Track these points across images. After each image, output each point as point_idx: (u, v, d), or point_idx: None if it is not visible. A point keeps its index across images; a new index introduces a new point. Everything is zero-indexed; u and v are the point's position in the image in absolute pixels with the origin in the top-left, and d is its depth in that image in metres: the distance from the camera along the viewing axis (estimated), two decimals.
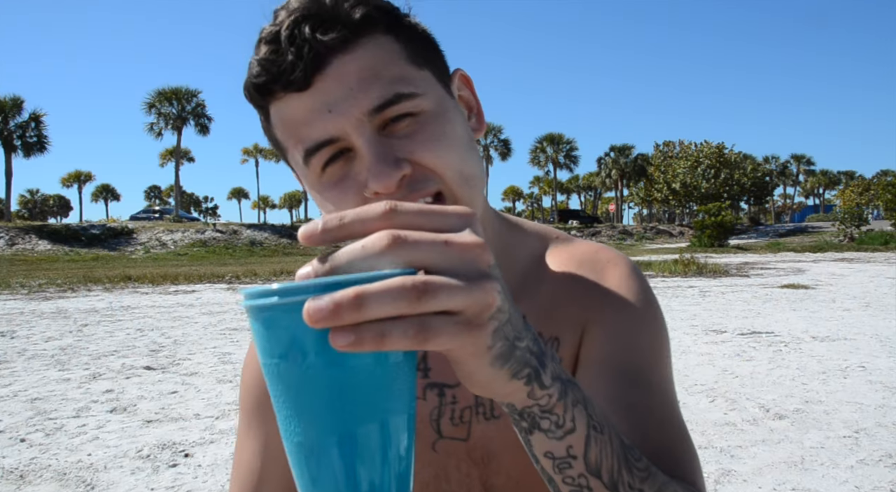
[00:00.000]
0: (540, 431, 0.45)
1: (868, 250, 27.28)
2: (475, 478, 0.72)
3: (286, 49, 0.56)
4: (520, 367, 0.41)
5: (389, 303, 0.33)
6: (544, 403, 0.44)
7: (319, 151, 0.59)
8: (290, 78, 0.57)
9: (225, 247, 35.53)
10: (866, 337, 6.67)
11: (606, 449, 0.48)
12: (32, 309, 10.48)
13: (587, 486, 0.48)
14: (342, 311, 0.32)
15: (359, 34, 0.58)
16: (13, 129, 41.18)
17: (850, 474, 3.07)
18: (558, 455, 0.46)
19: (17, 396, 4.80)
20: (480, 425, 0.70)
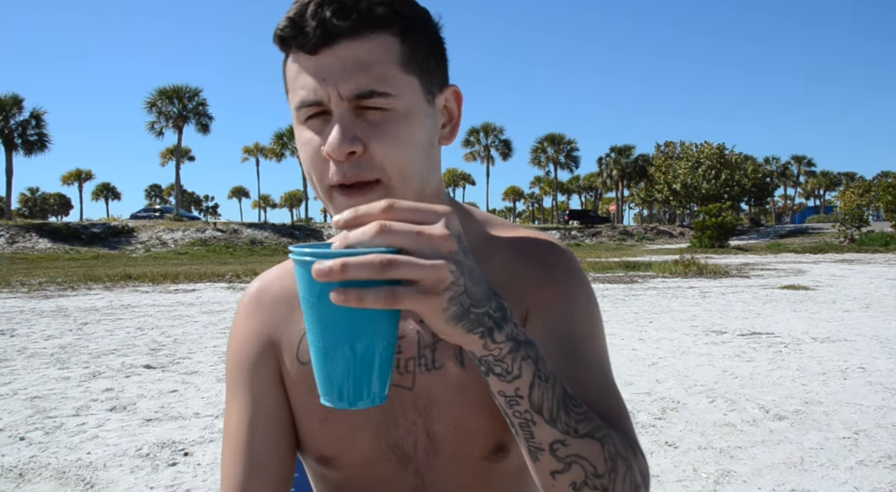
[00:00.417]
0: (493, 375, 0.59)
1: (868, 252, 27.27)
2: (419, 426, 0.80)
3: (308, 19, 0.69)
4: (474, 326, 0.55)
5: (363, 270, 0.48)
6: (496, 354, 0.57)
7: (307, 108, 0.72)
8: (304, 41, 0.70)
9: (225, 246, 35.53)
10: (866, 338, 6.67)
11: (548, 394, 0.61)
12: (32, 307, 10.48)
13: (531, 420, 0.61)
14: (333, 272, 0.48)
15: (370, 28, 0.70)
16: (14, 127, 41.18)
17: (849, 474, 3.07)
18: (508, 394, 0.60)
19: (17, 394, 4.80)
20: (423, 375, 0.79)
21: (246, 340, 0.86)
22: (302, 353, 0.83)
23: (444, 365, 0.79)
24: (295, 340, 0.84)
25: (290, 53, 0.73)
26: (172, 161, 53.96)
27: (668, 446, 3.50)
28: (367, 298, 0.49)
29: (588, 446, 0.63)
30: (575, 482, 0.64)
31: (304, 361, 0.83)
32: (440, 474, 0.82)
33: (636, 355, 5.96)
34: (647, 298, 10.86)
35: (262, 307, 0.87)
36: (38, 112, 42.27)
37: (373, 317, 0.53)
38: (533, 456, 0.64)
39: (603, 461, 0.64)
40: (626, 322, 8.04)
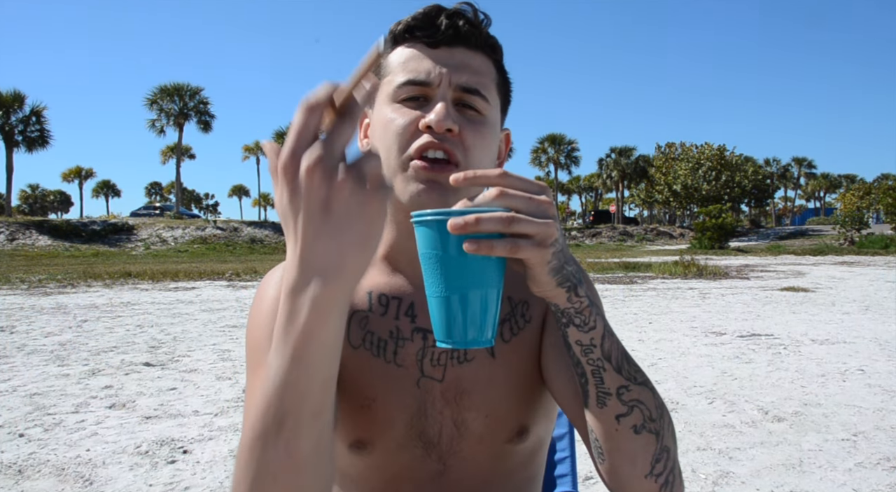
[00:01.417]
0: (574, 326, 0.69)
1: (868, 254, 27.27)
2: (447, 416, 0.86)
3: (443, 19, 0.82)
4: (564, 280, 0.66)
5: (493, 224, 0.59)
6: (577, 306, 0.68)
7: (413, 86, 0.81)
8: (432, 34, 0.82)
9: (225, 244, 35.53)
10: (865, 340, 6.67)
11: (615, 345, 0.71)
12: (32, 304, 10.48)
13: (602, 367, 0.70)
14: (468, 225, 0.58)
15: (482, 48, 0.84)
16: (14, 123, 41.14)
17: (847, 476, 3.07)
18: (584, 343, 0.70)
19: (16, 391, 4.80)
20: (454, 368, 0.86)
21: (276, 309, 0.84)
22: (353, 336, 0.86)
23: (475, 357, 0.86)
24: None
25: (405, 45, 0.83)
26: (173, 159, 53.94)
27: None
28: (496, 248, 0.59)
29: (645, 392, 0.72)
30: (636, 425, 0.72)
31: (356, 345, 0.85)
32: (462, 458, 0.88)
33: (635, 356, 5.96)
34: (646, 298, 10.86)
35: None
36: (39, 108, 42.23)
37: (491, 266, 0.62)
38: (601, 402, 0.72)
39: (655, 407, 0.73)
40: (625, 323, 8.04)
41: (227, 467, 3.24)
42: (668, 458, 0.73)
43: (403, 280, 0.87)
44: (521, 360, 0.88)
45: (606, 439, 0.73)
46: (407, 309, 0.86)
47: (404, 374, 0.85)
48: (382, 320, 0.86)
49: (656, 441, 0.72)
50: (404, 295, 0.87)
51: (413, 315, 0.86)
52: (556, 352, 0.85)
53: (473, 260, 0.61)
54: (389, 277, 0.88)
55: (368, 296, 0.86)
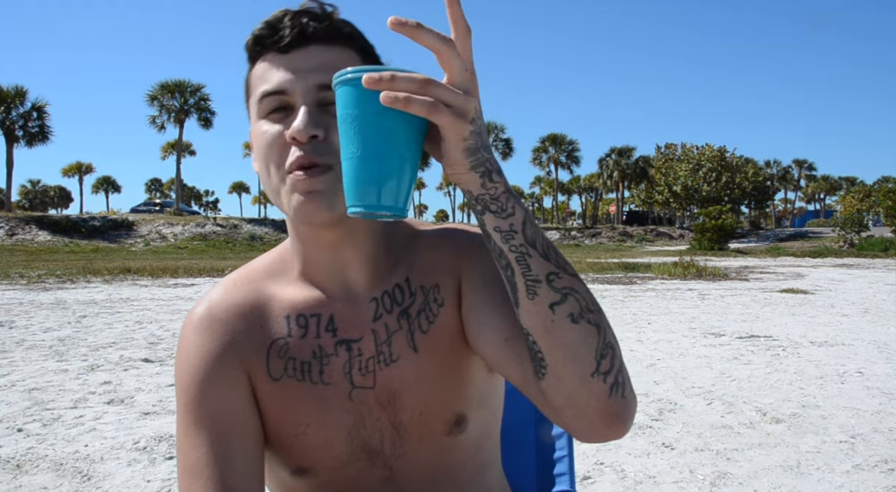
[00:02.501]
0: (490, 212, 0.66)
1: (868, 256, 27.27)
2: (385, 420, 0.85)
3: (286, 23, 0.78)
4: (478, 164, 0.63)
5: (408, 83, 0.57)
6: (493, 193, 0.65)
7: (272, 97, 0.78)
8: (278, 39, 0.78)
9: (225, 241, 35.53)
10: (864, 343, 6.67)
11: (539, 233, 0.68)
12: (31, 299, 10.48)
13: (527, 253, 0.67)
14: (383, 80, 0.57)
15: (338, 40, 0.80)
16: (15, 118, 41.11)
17: (845, 478, 3.07)
18: (503, 229, 0.66)
19: (15, 386, 4.80)
20: (383, 371, 0.84)
21: (206, 362, 0.81)
22: (273, 368, 0.82)
23: (399, 356, 0.84)
24: (262, 356, 0.83)
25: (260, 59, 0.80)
26: (173, 155, 53.91)
27: (664, 448, 3.51)
28: (413, 104, 0.57)
29: (577, 282, 0.69)
30: (573, 314, 0.68)
31: (277, 377, 0.82)
32: (408, 460, 0.86)
33: (634, 356, 5.96)
34: (645, 299, 10.86)
35: (217, 325, 0.84)
36: (40, 104, 42.19)
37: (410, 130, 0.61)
38: (531, 292, 0.68)
39: (591, 299, 0.70)
40: (624, 323, 8.05)
41: None
42: (613, 356, 0.69)
43: (320, 294, 0.85)
44: (445, 347, 0.85)
45: (543, 336, 0.68)
46: (327, 324, 0.84)
47: (334, 391, 0.83)
48: (303, 342, 0.83)
49: (598, 334, 0.68)
50: (323, 309, 0.84)
51: (334, 329, 0.84)
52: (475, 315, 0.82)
53: (391, 120, 0.60)
54: (307, 293, 0.85)
55: (286, 320, 0.84)
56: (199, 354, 0.82)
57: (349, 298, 0.85)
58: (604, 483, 3.02)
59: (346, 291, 0.85)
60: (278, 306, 0.85)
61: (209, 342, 0.82)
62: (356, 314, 0.84)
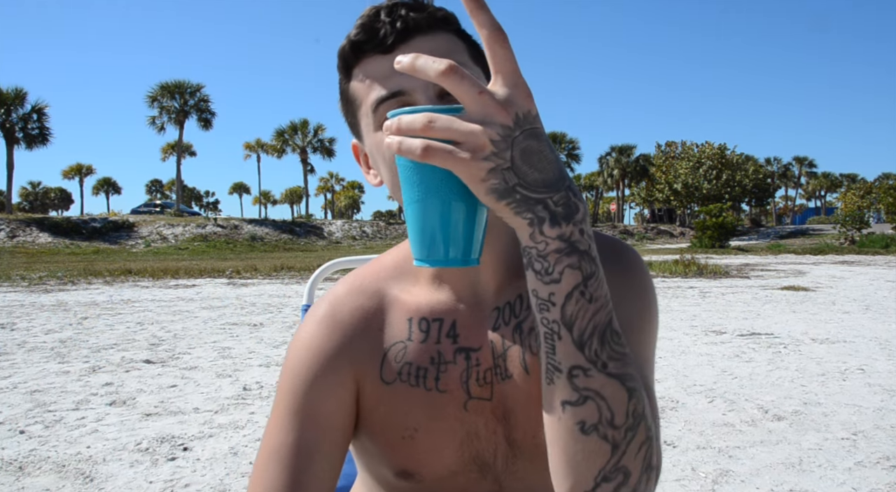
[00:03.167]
0: (532, 270, 0.57)
1: (869, 253, 27.26)
2: (500, 434, 0.79)
3: (384, 20, 0.72)
4: (521, 209, 0.54)
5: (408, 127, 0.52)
6: (541, 248, 0.55)
7: (389, 101, 0.72)
8: (381, 40, 0.72)
9: (226, 242, 35.54)
10: (866, 340, 6.67)
11: (586, 313, 0.57)
12: (32, 301, 10.48)
13: (558, 333, 0.57)
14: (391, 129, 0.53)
15: (438, 27, 0.74)
16: (15, 120, 41.13)
17: (847, 475, 3.07)
18: (541, 296, 0.57)
19: (17, 388, 4.81)
20: (500, 385, 0.78)
21: (318, 361, 0.81)
22: (386, 373, 0.80)
23: (513, 373, 0.78)
24: (377, 360, 0.81)
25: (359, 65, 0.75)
26: (173, 156, 53.94)
27: (666, 446, 3.50)
28: (416, 151, 0.52)
29: (612, 387, 0.58)
30: (584, 422, 0.58)
31: (390, 381, 0.80)
32: (518, 478, 0.82)
33: None
34: None
35: (337, 327, 0.82)
36: (40, 106, 42.22)
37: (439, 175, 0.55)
38: (549, 377, 0.59)
39: (624, 413, 0.58)
40: None
41: (226, 465, 3.24)
42: (623, 484, 0.59)
43: (446, 297, 0.82)
44: None
45: (548, 429, 0.61)
46: (449, 330, 0.80)
47: (448, 399, 0.79)
48: (422, 348, 0.80)
49: (610, 454, 0.58)
50: (447, 314, 0.81)
51: (455, 335, 0.80)
52: None
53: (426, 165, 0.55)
54: (432, 296, 0.82)
55: (408, 323, 0.81)
56: (313, 350, 0.81)
57: (474, 304, 0.81)
58: None
59: (474, 296, 0.81)
60: (402, 309, 0.82)
61: (325, 342, 0.81)
62: (479, 322, 0.80)
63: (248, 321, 8.19)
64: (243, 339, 6.89)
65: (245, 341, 6.73)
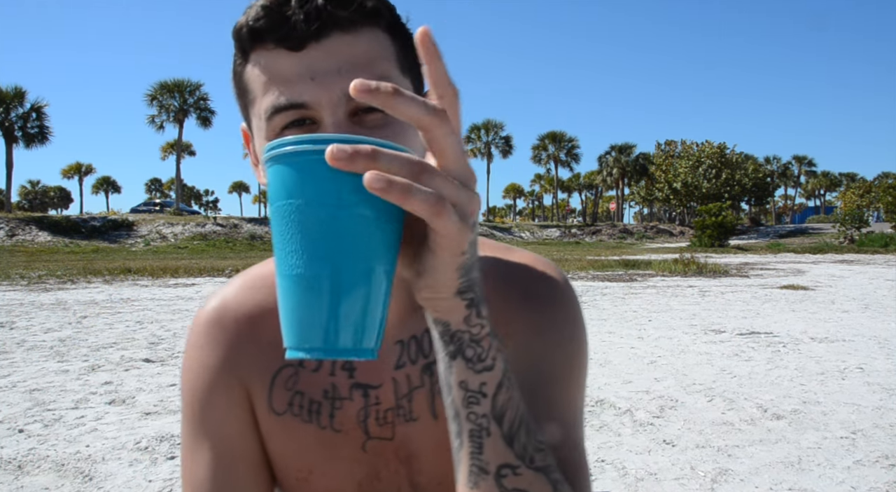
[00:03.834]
0: (463, 358, 0.49)
1: (868, 252, 27.27)
2: (403, 476, 0.73)
3: (295, 7, 0.57)
4: (468, 288, 0.47)
5: (398, 166, 0.39)
6: (476, 331, 0.48)
7: (287, 112, 0.58)
8: (288, 34, 0.57)
9: (225, 240, 35.52)
10: (865, 339, 6.67)
11: (513, 402, 0.51)
12: (32, 300, 10.48)
13: (487, 428, 0.50)
14: (358, 158, 0.38)
15: (363, 22, 0.59)
16: (14, 119, 41.09)
17: (846, 474, 3.08)
18: (471, 387, 0.49)
19: (16, 386, 4.80)
20: (402, 426, 0.71)
21: (207, 378, 0.72)
22: (276, 401, 0.71)
23: (419, 417, 0.70)
24: (266, 384, 0.71)
25: (258, 52, 0.60)
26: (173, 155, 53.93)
27: (666, 445, 3.51)
28: (414, 197, 0.39)
29: (539, 483, 0.52)
30: None
31: (280, 412, 0.71)
32: None
33: (635, 354, 5.96)
34: (646, 296, 10.86)
35: (221, 336, 0.73)
36: (40, 104, 42.17)
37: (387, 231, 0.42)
38: (471, 481, 0.52)
39: None
40: (625, 320, 8.05)
41: None
42: None
43: None
44: None
45: None
46: (344, 362, 0.70)
47: (345, 440, 0.70)
48: (315, 377, 0.70)
49: None
50: None
51: (351, 369, 0.71)
52: None
53: (362, 218, 0.41)
54: None
55: None
56: (200, 365, 0.73)
57: None
58: (605, 480, 3.02)
59: None
60: None
61: (211, 355, 0.73)
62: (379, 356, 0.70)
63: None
64: None
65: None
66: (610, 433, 3.69)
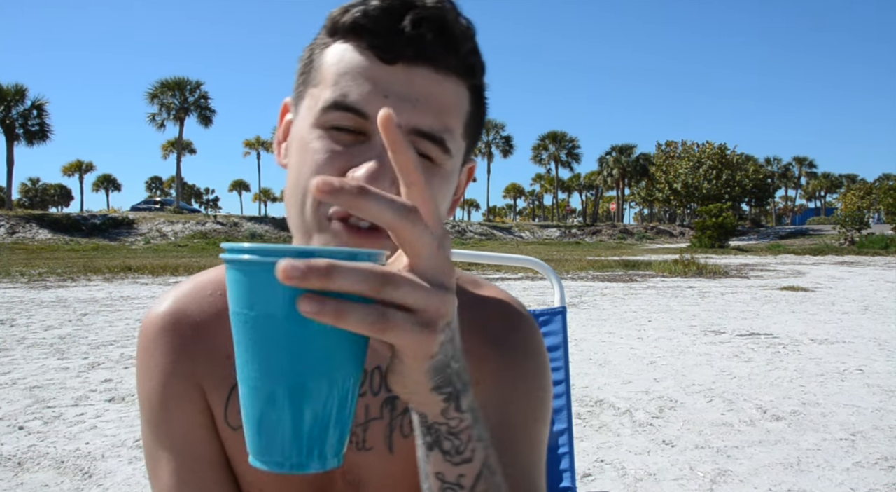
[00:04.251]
0: (440, 451, 0.47)
1: (868, 254, 27.27)
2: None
3: (407, 25, 0.56)
4: (444, 383, 0.44)
5: (355, 281, 0.36)
6: (454, 424, 0.46)
7: (346, 113, 0.57)
8: (388, 45, 0.57)
9: (225, 239, 35.52)
10: (864, 340, 6.68)
11: (493, 490, 0.49)
12: (32, 297, 10.48)
13: None
14: (311, 275, 0.35)
15: (455, 72, 0.59)
16: (15, 117, 41.11)
17: (845, 476, 3.08)
18: (448, 479, 0.48)
19: (16, 384, 4.81)
20: (353, 454, 0.70)
21: (164, 381, 0.69)
22: (231, 417, 0.69)
23: (374, 447, 0.69)
24: (223, 399, 0.69)
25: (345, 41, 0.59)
26: (173, 153, 53.95)
27: (665, 445, 3.51)
28: (350, 317, 0.36)
29: None
30: None
31: (235, 427, 0.69)
32: None
33: (635, 354, 5.97)
34: (646, 297, 10.86)
35: (176, 342, 0.70)
36: (40, 102, 42.19)
37: (346, 343, 0.40)
38: None
39: None
40: (624, 321, 8.05)
41: None
42: None
43: None
44: None
45: None
46: None
47: None
48: None
49: None
50: None
51: None
52: None
53: (319, 331, 0.38)
54: None
55: None
56: (156, 371, 0.70)
57: None
58: (604, 480, 3.02)
59: None
60: None
61: (165, 361, 0.70)
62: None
63: None
64: None
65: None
66: (609, 434, 3.69)
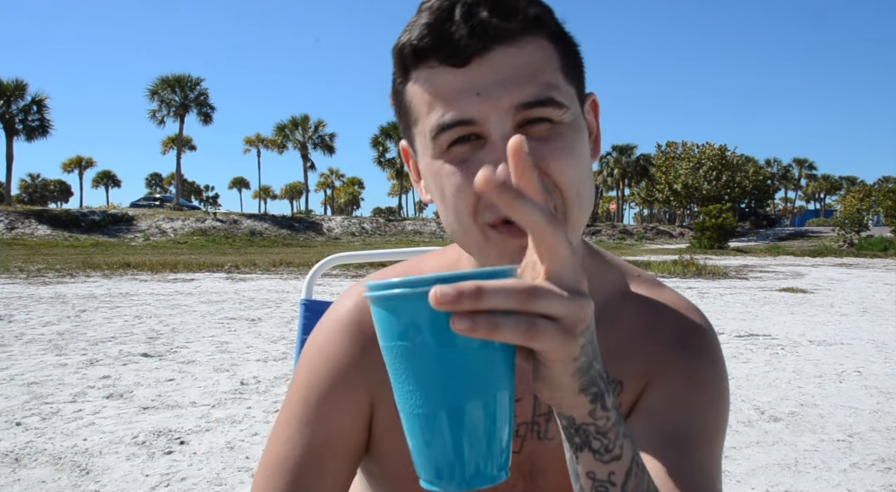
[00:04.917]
0: (590, 450, 0.49)
1: (867, 256, 27.28)
2: (520, 490, 0.72)
3: (458, 23, 0.57)
4: (589, 384, 0.46)
5: (503, 298, 0.39)
6: (601, 424, 0.48)
7: (453, 129, 0.59)
8: (453, 51, 0.57)
9: (225, 236, 35.52)
10: (863, 342, 6.68)
11: (643, 487, 0.50)
12: (31, 293, 10.48)
13: None
14: (463, 298, 0.38)
15: (527, 31, 0.59)
16: (15, 112, 41.08)
17: (843, 477, 3.08)
18: (599, 478, 0.49)
19: (14, 379, 4.81)
20: (533, 442, 0.71)
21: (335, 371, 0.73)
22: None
23: (555, 438, 0.70)
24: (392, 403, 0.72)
25: (420, 70, 0.60)
26: (173, 150, 53.90)
27: None
28: (503, 329, 0.39)
29: None
30: None
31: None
32: None
33: None
34: None
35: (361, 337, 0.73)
36: (40, 97, 42.16)
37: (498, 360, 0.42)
38: None
39: None
40: None
41: (223, 459, 3.24)
42: None
43: None
44: None
45: None
46: None
47: None
48: None
49: None
50: None
51: None
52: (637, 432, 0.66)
53: (470, 352, 0.41)
54: None
55: None
56: (330, 359, 0.73)
57: None
58: None
59: None
60: None
61: (345, 352, 0.73)
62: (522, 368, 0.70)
63: (247, 316, 8.19)
64: (241, 333, 6.89)
65: (243, 336, 6.73)
66: None
